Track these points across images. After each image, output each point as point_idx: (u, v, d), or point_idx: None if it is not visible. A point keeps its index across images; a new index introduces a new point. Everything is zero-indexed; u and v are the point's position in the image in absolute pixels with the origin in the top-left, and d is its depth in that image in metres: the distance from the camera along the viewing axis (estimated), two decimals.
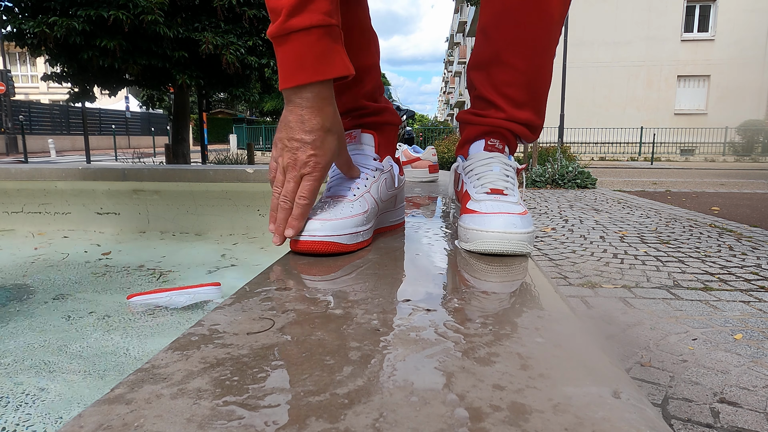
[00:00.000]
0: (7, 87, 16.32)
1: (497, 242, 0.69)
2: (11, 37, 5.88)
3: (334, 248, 0.71)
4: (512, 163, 0.83)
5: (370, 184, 0.81)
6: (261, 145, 20.57)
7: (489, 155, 0.83)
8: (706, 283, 2.49)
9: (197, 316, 1.44)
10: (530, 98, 0.83)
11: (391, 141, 0.93)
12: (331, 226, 0.71)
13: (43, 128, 20.58)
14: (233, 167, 2.37)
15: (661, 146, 18.21)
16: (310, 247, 0.70)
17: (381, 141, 0.88)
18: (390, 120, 0.92)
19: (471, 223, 0.73)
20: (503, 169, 0.81)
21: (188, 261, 2.05)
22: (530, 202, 5.67)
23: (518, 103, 0.83)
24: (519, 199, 0.77)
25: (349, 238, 0.73)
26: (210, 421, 0.30)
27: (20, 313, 1.48)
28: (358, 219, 0.75)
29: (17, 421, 0.94)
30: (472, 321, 0.46)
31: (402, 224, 0.93)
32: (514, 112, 0.83)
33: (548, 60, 0.81)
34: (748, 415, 1.31)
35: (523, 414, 0.30)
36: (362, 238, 0.75)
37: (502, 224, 0.70)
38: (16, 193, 2.43)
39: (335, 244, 0.71)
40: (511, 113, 0.83)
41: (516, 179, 0.82)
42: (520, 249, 0.70)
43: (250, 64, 6.52)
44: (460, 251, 0.74)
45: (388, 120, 0.92)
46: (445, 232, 0.89)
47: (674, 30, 18.46)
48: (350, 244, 0.73)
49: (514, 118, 0.83)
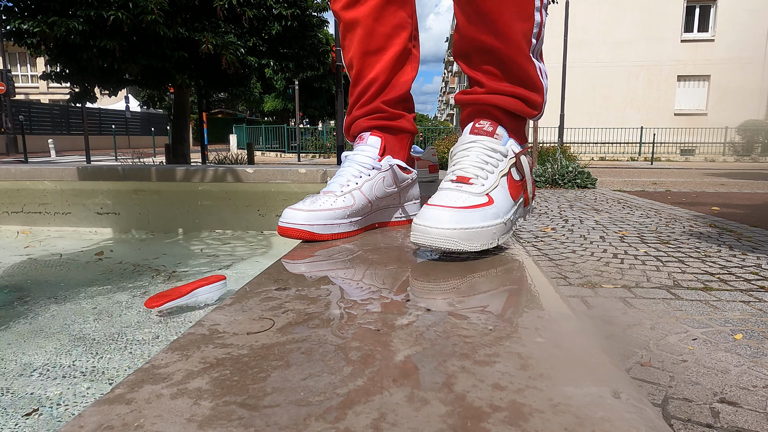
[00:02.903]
0: (7, 87, 16.31)
1: (420, 235, 0.67)
2: (11, 37, 5.88)
3: (306, 236, 0.80)
4: (501, 147, 0.77)
5: (363, 182, 0.88)
6: (261, 145, 20.56)
7: (471, 139, 0.79)
8: (706, 283, 2.49)
9: (197, 316, 1.44)
10: (510, 70, 0.79)
11: (402, 146, 0.98)
12: (305, 216, 0.80)
13: (43, 128, 20.57)
14: (233, 167, 2.37)
15: (661, 146, 18.21)
16: (285, 233, 0.80)
17: (389, 144, 0.94)
18: (404, 127, 0.97)
19: (417, 213, 0.72)
20: (481, 155, 0.76)
21: (188, 260, 2.05)
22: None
23: (498, 75, 0.80)
24: (490, 188, 0.73)
25: (322, 228, 0.81)
26: (210, 421, 0.30)
27: (21, 312, 1.48)
28: (338, 212, 0.83)
29: (17, 420, 0.94)
30: (472, 321, 0.46)
31: (409, 222, 0.96)
32: (495, 84, 0.80)
33: (518, 31, 0.77)
34: (748, 415, 1.31)
35: (523, 414, 0.30)
36: (339, 230, 0.83)
37: (429, 218, 0.67)
38: (16, 193, 2.43)
39: (307, 232, 0.80)
40: (491, 86, 0.80)
41: (505, 162, 0.77)
42: (445, 245, 0.65)
43: (249, 64, 6.52)
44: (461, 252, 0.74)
45: (403, 127, 0.97)
46: None
47: (674, 30, 18.44)
48: (323, 234, 0.81)
49: (495, 91, 0.80)
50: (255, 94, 7.99)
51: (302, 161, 15.58)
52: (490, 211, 0.70)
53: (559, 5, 13.06)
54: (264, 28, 6.67)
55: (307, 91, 23.94)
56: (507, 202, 0.75)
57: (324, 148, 18.55)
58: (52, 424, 0.93)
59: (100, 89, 7.05)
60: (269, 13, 6.67)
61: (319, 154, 18.54)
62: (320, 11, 7.40)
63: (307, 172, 2.32)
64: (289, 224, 0.80)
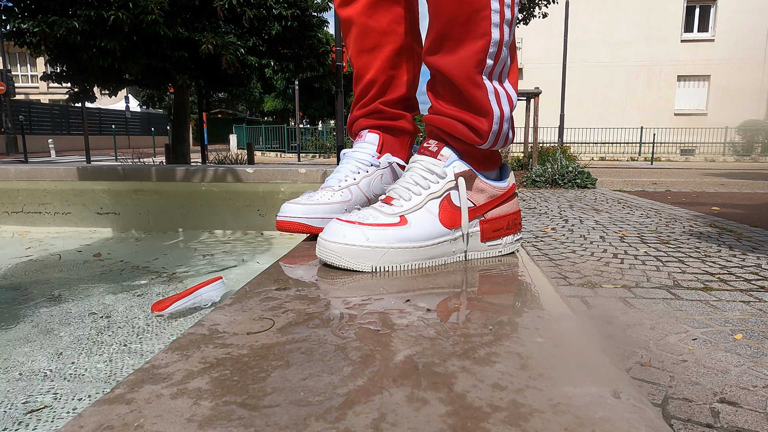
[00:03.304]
0: (7, 87, 16.31)
1: (317, 248, 0.66)
2: (11, 37, 5.88)
3: (304, 229, 0.82)
4: (439, 168, 0.72)
5: (360, 178, 0.89)
6: (261, 145, 20.56)
7: (414, 159, 0.76)
8: (706, 283, 2.49)
9: (197, 316, 1.44)
10: (457, 91, 0.74)
11: (403, 146, 0.98)
12: (303, 209, 0.82)
13: (43, 128, 20.57)
14: (233, 167, 2.37)
15: (661, 146, 18.21)
16: (283, 227, 0.82)
17: (387, 142, 0.95)
18: (404, 127, 0.97)
19: None
20: (416, 175, 0.73)
21: (188, 260, 2.05)
22: (530, 202, 5.67)
23: (444, 97, 0.77)
24: (409, 209, 0.69)
25: (320, 222, 0.82)
26: (210, 421, 0.30)
27: (21, 312, 1.48)
28: (336, 207, 0.84)
29: (19, 420, 0.94)
30: (472, 321, 0.46)
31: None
32: (440, 106, 0.77)
33: (465, 50, 0.70)
34: (748, 415, 1.31)
35: (523, 414, 0.30)
36: None
37: (328, 230, 0.66)
38: (15, 193, 2.43)
39: (305, 225, 0.82)
40: (435, 107, 0.78)
41: (439, 184, 0.71)
42: (328, 258, 0.64)
43: (249, 64, 6.52)
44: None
45: (402, 127, 0.97)
46: None
47: (674, 30, 18.45)
48: (321, 228, 0.80)
49: (438, 111, 0.77)
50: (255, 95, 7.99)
51: (302, 161, 15.58)
52: (397, 232, 0.66)
53: (559, 5, 13.06)
54: (264, 28, 6.67)
55: (307, 91, 23.94)
56: (432, 227, 0.68)
57: (324, 148, 18.55)
58: (52, 424, 0.93)
59: (100, 89, 7.05)
60: (269, 13, 6.67)
61: (319, 154, 18.54)
62: (320, 11, 7.40)
63: (307, 172, 2.32)
64: (287, 218, 0.81)
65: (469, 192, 0.72)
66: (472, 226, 0.72)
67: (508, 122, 0.75)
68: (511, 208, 0.77)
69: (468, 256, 0.72)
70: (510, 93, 0.75)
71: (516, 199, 0.78)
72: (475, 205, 0.73)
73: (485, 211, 0.74)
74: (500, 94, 0.74)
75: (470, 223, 0.72)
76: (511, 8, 0.70)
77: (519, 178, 7.80)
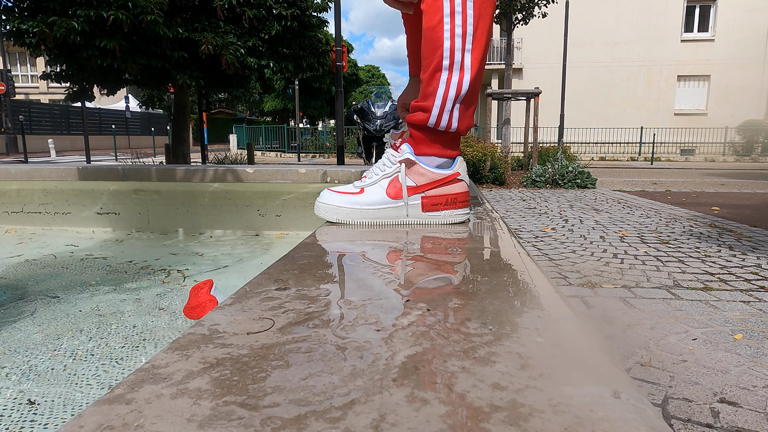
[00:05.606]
0: (7, 87, 16.31)
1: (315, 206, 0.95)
2: (11, 37, 5.88)
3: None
4: (395, 158, 0.94)
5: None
6: (261, 145, 20.56)
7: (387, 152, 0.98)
8: (706, 283, 2.49)
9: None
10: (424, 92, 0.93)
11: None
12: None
13: (43, 128, 20.56)
14: (233, 167, 2.37)
15: (661, 146, 18.21)
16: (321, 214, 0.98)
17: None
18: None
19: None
20: (380, 162, 0.96)
21: (188, 260, 2.05)
22: (530, 201, 5.66)
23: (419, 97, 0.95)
24: (368, 184, 0.93)
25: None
26: (210, 421, 0.30)
27: (20, 311, 1.48)
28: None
29: (20, 420, 0.94)
30: (472, 321, 0.46)
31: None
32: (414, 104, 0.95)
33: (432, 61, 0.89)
34: (748, 415, 1.31)
35: (523, 414, 0.30)
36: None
37: (321, 195, 0.95)
38: (15, 193, 2.43)
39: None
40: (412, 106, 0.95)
41: (392, 169, 0.93)
42: (317, 213, 0.94)
43: (249, 65, 6.52)
44: (461, 252, 0.74)
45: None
46: (447, 232, 0.89)
47: (674, 30, 18.45)
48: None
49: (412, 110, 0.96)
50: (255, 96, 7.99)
51: (302, 161, 15.58)
52: (353, 198, 0.92)
53: (559, 5, 13.07)
54: (264, 28, 6.67)
55: (306, 91, 23.94)
56: (378, 196, 0.92)
57: (324, 148, 18.54)
58: (52, 424, 0.93)
59: (99, 89, 7.04)
60: (269, 13, 6.67)
61: (319, 154, 18.54)
62: (320, 11, 7.39)
63: (307, 172, 2.32)
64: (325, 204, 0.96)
65: (411, 175, 0.93)
66: (413, 199, 0.92)
67: (452, 102, 0.91)
68: (452, 190, 0.94)
69: (409, 221, 0.93)
70: (461, 81, 0.90)
71: (460, 184, 0.94)
72: (416, 184, 0.93)
73: (425, 190, 0.93)
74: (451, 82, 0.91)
75: (411, 197, 0.92)
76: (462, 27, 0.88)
77: (519, 178, 7.79)
